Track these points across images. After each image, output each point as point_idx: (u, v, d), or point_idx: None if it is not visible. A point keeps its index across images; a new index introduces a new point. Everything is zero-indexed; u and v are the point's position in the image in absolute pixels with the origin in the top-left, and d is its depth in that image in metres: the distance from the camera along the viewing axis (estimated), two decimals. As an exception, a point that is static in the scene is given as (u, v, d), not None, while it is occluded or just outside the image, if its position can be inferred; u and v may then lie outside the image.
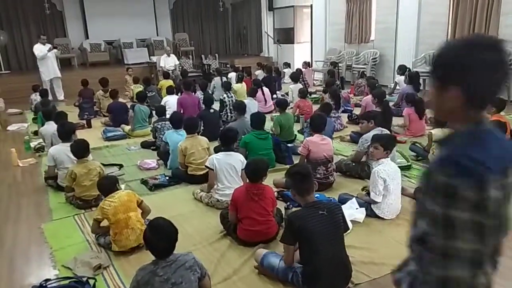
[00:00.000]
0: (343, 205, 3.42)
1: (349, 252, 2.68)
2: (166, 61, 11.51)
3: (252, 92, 7.32)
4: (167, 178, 4.66)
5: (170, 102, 7.13)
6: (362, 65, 10.80)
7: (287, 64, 12.39)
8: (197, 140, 4.64)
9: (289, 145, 5.47)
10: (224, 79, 9.21)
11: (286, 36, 14.23)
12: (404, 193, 3.84)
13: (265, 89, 8.01)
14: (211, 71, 11.70)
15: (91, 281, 2.82)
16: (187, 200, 4.18)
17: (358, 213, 3.54)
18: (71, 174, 3.98)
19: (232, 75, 10.14)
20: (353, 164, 4.55)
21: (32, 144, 6.17)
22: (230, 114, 6.97)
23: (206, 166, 4.00)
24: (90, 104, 8.34)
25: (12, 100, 9.50)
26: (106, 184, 3.35)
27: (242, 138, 4.78)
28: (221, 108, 7.07)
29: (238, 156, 3.99)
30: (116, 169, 5.11)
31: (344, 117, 6.99)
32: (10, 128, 7.68)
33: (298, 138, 5.98)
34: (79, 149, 4.07)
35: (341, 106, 7.06)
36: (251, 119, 4.96)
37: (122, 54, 13.87)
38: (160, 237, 2.23)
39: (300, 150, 4.35)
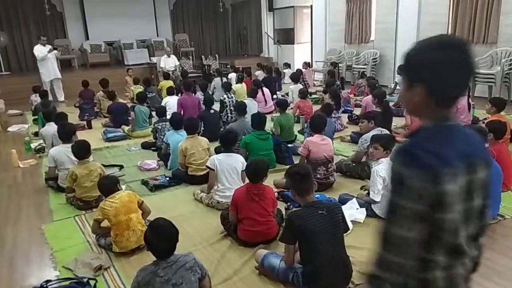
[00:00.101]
0: (344, 206, 3.42)
1: (349, 252, 2.68)
2: (166, 61, 11.52)
3: (252, 93, 7.32)
4: (167, 178, 4.66)
5: (170, 103, 7.13)
6: (362, 65, 10.80)
7: (287, 65, 12.40)
8: (198, 140, 4.64)
9: (290, 145, 5.47)
10: (224, 79, 9.23)
11: (286, 36, 14.23)
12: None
13: (265, 90, 8.01)
14: (211, 71, 11.70)
15: (92, 282, 2.83)
16: (187, 201, 4.18)
17: (359, 213, 3.54)
18: (72, 175, 3.98)
19: (232, 76, 10.15)
20: (354, 164, 4.55)
21: (33, 145, 6.17)
22: (230, 115, 6.97)
23: (207, 166, 4.00)
24: (90, 105, 8.34)
25: (13, 101, 9.51)
26: (106, 184, 3.35)
27: (243, 138, 4.79)
28: (221, 108, 7.07)
29: (238, 157, 4.00)
30: (116, 170, 5.12)
31: (344, 117, 6.99)
32: (10, 129, 7.69)
33: (299, 139, 5.98)
34: (81, 150, 4.07)
35: (341, 106, 7.06)
36: (251, 119, 4.97)
37: (122, 55, 13.89)
38: (161, 238, 2.23)
39: (300, 150, 4.35)
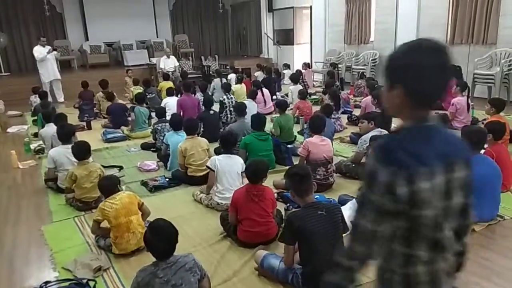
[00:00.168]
0: (343, 206, 3.41)
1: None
2: (166, 62, 11.52)
3: (251, 94, 7.32)
4: (167, 179, 4.66)
5: (170, 104, 7.13)
6: (362, 66, 10.80)
7: (286, 65, 12.40)
8: (197, 141, 4.64)
9: (289, 146, 5.47)
10: (224, 80, 9.22)
11: (285, 37, 14.23)
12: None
13: (265, 90, 8.01)
14: (210, 72, 11.69)
15: (91, 283, 2.83)
16: (187, 202, 4.18)
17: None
18: (71, 176, 3.98)
19: (231, 77, 10.15)
20: (353, 165, 4.54)
21: (32, 146, 6.16)
22: (230, 116, 6.97)
23: (207, 167, 4.00)
24: (90, 106, 8.34)
25: (12, 102, 9.51)
26: (107, 185, 3.33)
27: (243, 139, 4.79)
28: (221, 109, 7.07)
29: (238, 159, 4.01)
30: (116, 171, 5.11)
31: (344, 118, 6.99)
32: (10, 130, 7.68)
33: (298, 139, 5.98)
34: (81, 151, 4.07)
35: (341, 107, 7.06)
36: (251, 120, 4.97)
37: (122, 55, 13.89)
38: (161, 238, 2.23)
39: (299, 151, 4.35)
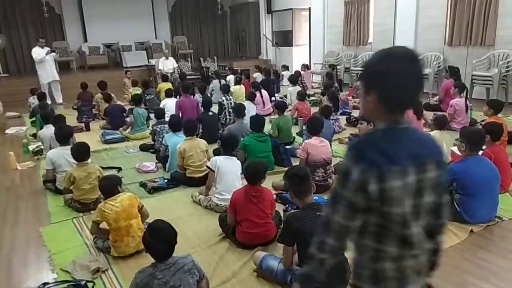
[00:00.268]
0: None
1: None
2: (165, 64, 11.52)
3: (250, 96, 7.32)
4: (165, 181, 4.66)
5: (169, 105, 7.14)
6: (360, 67, 10.80)
7: (285, 67, 12.42)
8: (196, 142, 4.64)
9: (288, 147, 5.47)
10: (223, 81, 9.23)
11: (284, 38, 14.26)
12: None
13: (264, 92, 8.01)
14: (209, 73, 11.71)
15: (90, 285, 2.83)
16: (185, 203, 4.18)
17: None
18: (70, 177, 3.97)
19: (230, 78, 10.15)
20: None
21: (31, 147, 6.15)
22: (228, 117, 6.97)
23: (208, 167, 4.00)
24: (88, 107, 8.34)
25: (11, 104, 9.52)
26: (107, 185, 3.31)
27: (241, 140, 4.79)
28: (219, 110, 7.07)
29: (238, 161, 4.02)
30: (114, 172, 5.11)
31: (343, 119, 7.00)
32: (8, 131, 7.67)
33: (297, 140, 5.99)
34: (80, 152, 4.06)
35: (340, 108, 7.08)
36: (250, 121, 4.97)
37: (120, 57, 13.89)
38: (160, 239, 2.22)
39: (299, 153, 4.35)
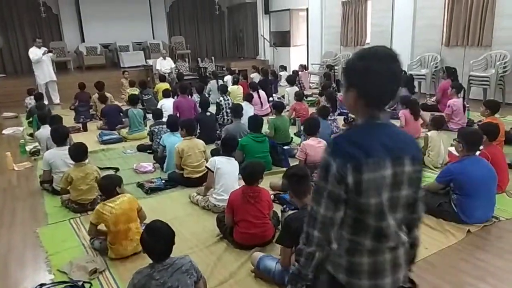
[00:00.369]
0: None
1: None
2: (162, 64, 11.51)
3: (247, 97, 7.30)
4: (163, 181, 4.65)
5: (167, 105, 7.12)
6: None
7: (283, 67, 12.42)
8: (194, 142, 4.63)
9: (285, 147, 5.47)
10: (220, 82, 9.23)
11: (282, 39, 14.26)
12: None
13: (261, 92, 8.02)
14: (207, 74, 11.70)
15: (87, 286, 2.82)
16: (183, 204, 4.17)
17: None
18: (67, 177, 3.95)
19: (228, 78, 10.14)
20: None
21: (28, 148, 6.13)
22: (226, 117, 6.96)
23: (207, 167, 3.99)
24: (86, 108, 8.32)
25: (7, 104, 9.50)
26: (106, 184, 3.28)
27: (239, 141, 4.78)
28: (217, 111, 7.07)
29: (236, 163, 4.01)
30: (112, 172, 5.09)
31: (340, 119, 7.00)
32: (5, 132, 7.64)
33: (295, 141, 5.99)
34: (78, 153, 4.05)
35: (337, 108, 7.08)
36: (248, 121, 4.97)
37: (118, 57, 13.85)
38: (158, 240, 2.22)
39: (297, 155, 4.36)
